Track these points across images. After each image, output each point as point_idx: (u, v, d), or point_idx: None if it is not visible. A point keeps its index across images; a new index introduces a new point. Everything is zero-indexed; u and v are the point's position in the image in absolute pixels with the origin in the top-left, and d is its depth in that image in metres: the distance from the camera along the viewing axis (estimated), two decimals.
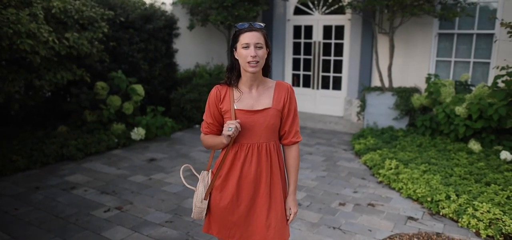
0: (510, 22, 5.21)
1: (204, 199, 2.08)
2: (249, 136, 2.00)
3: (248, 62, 1.90)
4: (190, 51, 8.86)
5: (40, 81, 5.49)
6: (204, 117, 2.10)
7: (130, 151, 6.01)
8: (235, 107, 1.99)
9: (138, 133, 6.37)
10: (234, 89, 2.02)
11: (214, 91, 2.05)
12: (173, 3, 8.57)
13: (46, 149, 5.37)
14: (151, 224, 3.67)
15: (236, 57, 1.98)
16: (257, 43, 1.90)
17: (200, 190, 2.09)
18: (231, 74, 2.02)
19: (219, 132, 2.09)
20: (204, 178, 2.11)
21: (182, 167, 2.27)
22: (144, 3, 7.69)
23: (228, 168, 2.03)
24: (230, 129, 1.90)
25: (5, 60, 5.23)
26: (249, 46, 1.89)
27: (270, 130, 2.02)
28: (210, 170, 2.15)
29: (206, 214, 2.13)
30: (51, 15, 5.36)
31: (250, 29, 1.92)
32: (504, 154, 5.09)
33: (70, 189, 4.46)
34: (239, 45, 1.92)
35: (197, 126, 7.64)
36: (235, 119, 1.97)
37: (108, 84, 6.52)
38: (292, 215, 2.11)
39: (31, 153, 5.23)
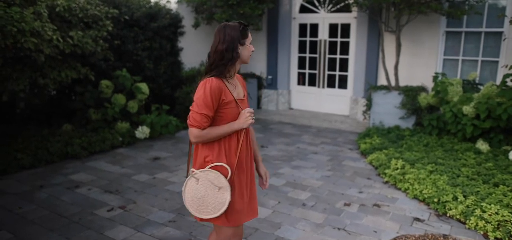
0: None
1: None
2: None
3: (250, 55, 2.21)
4: (195, 50, 8.83)
5: (45, 79, 5.48)
6: (201, 111, 2.07)
7: (135, 149, 6.00)
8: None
9: (142, 131, 6.36)
10: (225, 80, 2.15)
11: (216, 84, 2.08)
12: (178, 2, 8.56)
13: (50, 147, 5.38)
14: (154, 223, 3.65)
15: (239, 50, 2.13)
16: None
17: (228, 199, 2.11)
18: (232, 66, 2.15)
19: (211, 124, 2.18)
20: (227, 188, 2.10)
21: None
22: (149, 2, 7.67)
23: (238, 157, 2.19)
24: (252, 117, 2.16)
25: (9, 59, 5.23)
26: (251, 43, 2.22)
27: None
28: (213, 166, 2.15)
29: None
30: (55, 14, 5.36)
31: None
32: None
33: (74, 187, 4.46)
34: (247, 41, 2.16)
35: None
36: (239, 107, 2.18)
37: (113, 82, 6.51)
38: (268, 178, 2.48)
39: (35, 152, 5.23)
